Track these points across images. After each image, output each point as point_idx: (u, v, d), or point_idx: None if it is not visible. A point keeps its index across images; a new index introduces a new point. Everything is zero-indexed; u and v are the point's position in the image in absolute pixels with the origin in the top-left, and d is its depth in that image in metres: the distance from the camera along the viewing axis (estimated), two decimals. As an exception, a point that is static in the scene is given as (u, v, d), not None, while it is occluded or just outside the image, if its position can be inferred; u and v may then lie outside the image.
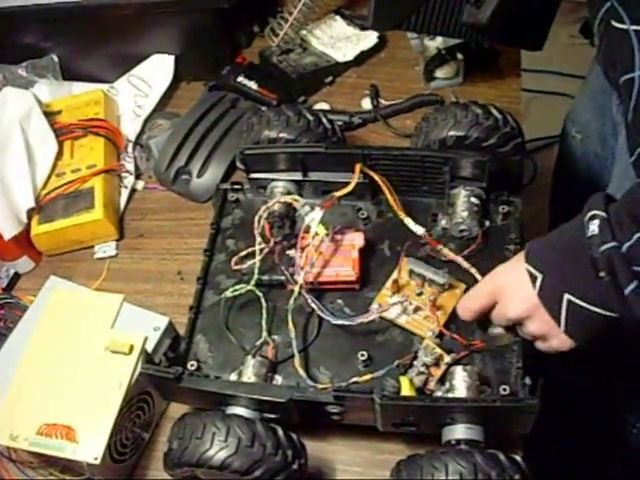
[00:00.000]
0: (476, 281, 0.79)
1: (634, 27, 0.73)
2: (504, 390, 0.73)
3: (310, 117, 0.89)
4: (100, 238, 1.00)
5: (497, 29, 0.95)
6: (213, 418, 0.71)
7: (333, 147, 0.86)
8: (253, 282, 0.81)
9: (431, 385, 0.75)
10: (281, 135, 0.88)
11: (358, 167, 0.83)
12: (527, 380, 0.72)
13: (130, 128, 1.10)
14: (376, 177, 0.84)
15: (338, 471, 0.80)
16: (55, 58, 1.13)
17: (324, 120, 0.90)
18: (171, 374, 0.74)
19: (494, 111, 0.86)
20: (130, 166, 1.06)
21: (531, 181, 1.98)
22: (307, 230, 0.82)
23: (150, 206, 1.05)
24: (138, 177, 1.07)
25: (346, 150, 0.86)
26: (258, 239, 0.83)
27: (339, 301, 0.82)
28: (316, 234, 0.81)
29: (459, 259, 0.80)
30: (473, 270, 0.80)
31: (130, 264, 0.99)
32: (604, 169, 1.08)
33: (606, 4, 0.79)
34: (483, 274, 0.81)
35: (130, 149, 1.08)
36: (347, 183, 0.84)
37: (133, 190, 1.06)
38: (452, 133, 0.85)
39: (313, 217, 0.81)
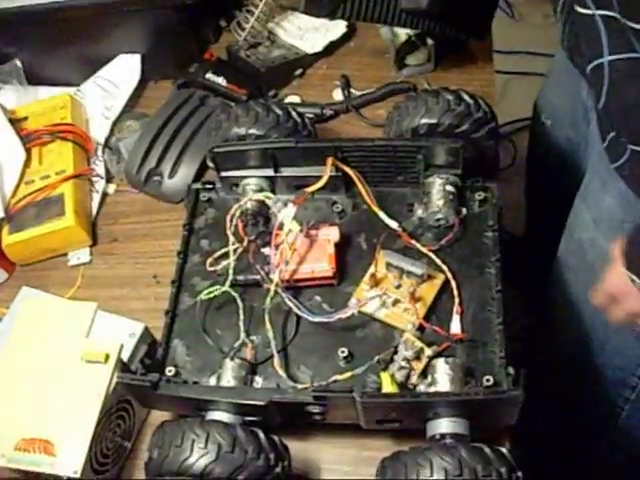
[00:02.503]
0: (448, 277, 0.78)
1: (600, 12, 0.71)
2: (487, 381, 0.71)
3: (279, 112, 0.87)
4: (73, 245, 0.98)
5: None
6: (192, 425, 0.69)
7: (304, 141, 0.84)
8: (228, 283, 0.79)
9: (413, 379, 0.73)
10: (250, 131, 0.87)
11: (329, 161, 0.82)
12: (510, 370, 0.70)
13: (99, 131, 1.08)
14: (348, 170, 0.82)
15: (324, 470, 0.79)
16: (19, 63, 1.11)
17: (294, 114, 0.88)
18: (147, 382, 0.72)
19: (465, 96, 0.84)
20: (100, 170, 1.05)
21: (512, 163, 1.99)
22: (281, 227, 0.80)
23: (122, 209, 1.03)
24: (109, 180, 1.05)
25: (317, 144, 0.85)
26: (231, 239, 0.82)
27: (317, 297, 0.81)
28: (290, 231, 0.80)
29: (431, 255, 0.79)
30: (444, 267, 0.78)
31: (105, 270, 0.98)
32: (578, 154, 1.07)
33: (568, -13, 0.77)
34: (461, 263, 0.80)
35: (100, 152, 1.06)
36: (320, 177, 0.82)
37: (105, 194, 1.04)
38: (424, 121, 0.84)
39: (286, 214, 0.80)
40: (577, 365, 1.11)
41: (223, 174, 0.88)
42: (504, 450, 0.66)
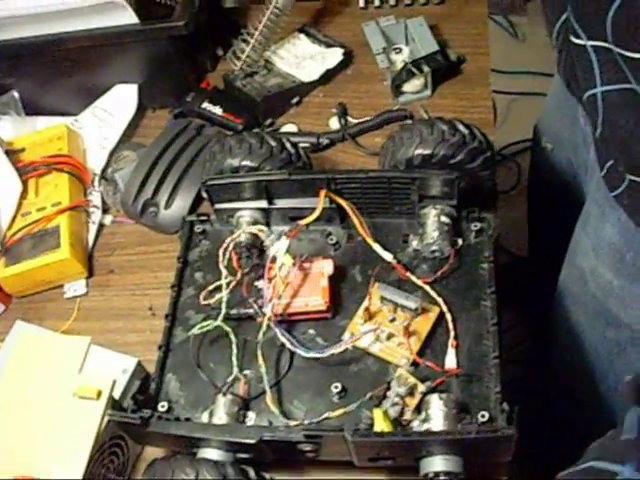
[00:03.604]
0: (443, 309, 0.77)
1: (591, 43, 0.70)
2: (483, 417, 0.70)
3: (273, 143, 0.87)
4: (69, 277, 0.98)
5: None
6: (182, 463, 0.68)
7: (297, 173, 0.84)
8: (221, 317, 0.79)
9: (407, 415, 0.72)
10: (244, 163, 0.86)
11: (322, 193, 0.81)
12: (505, 406, 0.69)
13: (96, 161, 1.08)
14: (342, 202, 0.82)
15: (317, 507, 0.78)
16: (16, 94, 1.12)
17: (288, 145, 0.88)
18: (137, 420, 0.71)
19: (460, 126, 0.84)
20: (97, 200, 1.04)
21: (516, 184, 1.98)
22: (274, 260, 0.80)
23: (119, 240, 1.02)
24: (105, 211, 1.04)
25: (310, 176, 0.84)
26: (224, 272, 0.81)
27: (311, 331, 0.80)
28: (283, 264, 0.79)
29: (426, 287, 0.78)
30: (440, 300, 0.77)
31: (101, 302, 0.97)
32: (579, 178, 1.06)
33: (562, 16, 0.76)
34: (457, 295, 0.79)
35: (97, 183, 1.05)
36: (314, 208, 0.81)
37: (101, 225, 1.04)
38: (418, 152, 0.83)
39: (279, 247, 0.79)
40: (580, 392, 1.10)
41: (217, 206, 0.87)
42: (499, 488, 0.65)
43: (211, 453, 0.72)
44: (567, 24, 0.75)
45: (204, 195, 0.87)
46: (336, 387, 0.75)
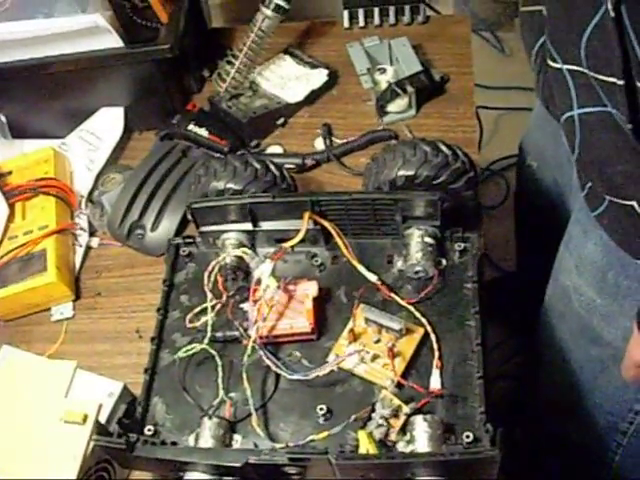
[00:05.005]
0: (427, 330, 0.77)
1: (567, 66, 0.71)
2: (467, 437, 0.71)
3: (257, 165, 0.88)
4: (55, 300, 0.98)
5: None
6: (167, 489, 0.69)
7: (281, 196, 0.84)
8: (206, 340, 0.79)
9: (392, 436, 0.72)
10: (228, 186, 0.87)
11: (306, 216, 0.82)
12: (489, 427, 0.69)
13: (84, 184, 1.08)
14: (326, 224, 0.82)
15: (305, 530, 0.78)
16: (3, 118, 1.12)
17: (272, 167, 0.88)
18: (123, 444, 0.71)
19: (443, 147, 0.84)
20: (84, 223, 1.05)
21: (504, 199, 1.99)
22: (259, 283, 0.80)
23: (106, 263, 1.03)
24: (92, 234, 1.05)
25: (294, 198, 0.84)
26: (209, 296, 0.81)
27: (296, 353, 0.80)
28: (267, 287, 0.79)
29: (411, 308, 0.79)
30: (424, 320, 0.78)
31: (88, 324, 0.97)
32: (564, 195, 1.07)
33: (540, 40, 0.77)
34: (441, 315, 0.80)
35: (84, 205, 1.06)
36: (299, 230, 0.82)
37: (88, 248, 1.04)
38: (401, 173, 0.84)
39: (263, 270, 0.80)
40: (569, 408, 1.11)
41: (202, 229, 0.87)
42: (484, 511, 0.65)
43: (197, 477, 0.72)
44: (544, 47, 0.76)
45: (189, 218, 0.88)
46: (321, 409, 0.75)
